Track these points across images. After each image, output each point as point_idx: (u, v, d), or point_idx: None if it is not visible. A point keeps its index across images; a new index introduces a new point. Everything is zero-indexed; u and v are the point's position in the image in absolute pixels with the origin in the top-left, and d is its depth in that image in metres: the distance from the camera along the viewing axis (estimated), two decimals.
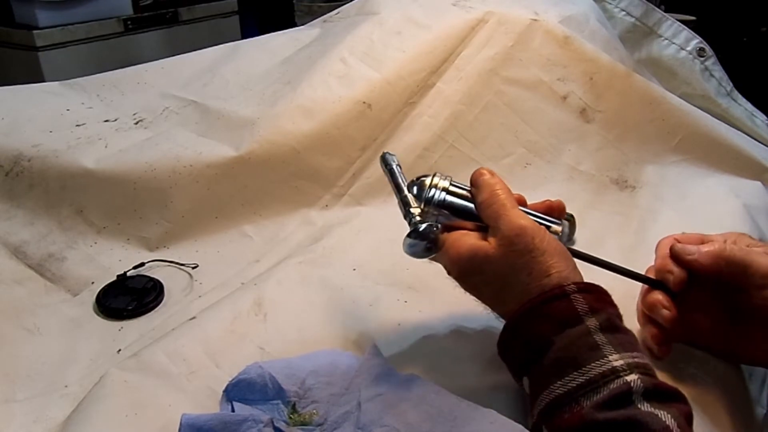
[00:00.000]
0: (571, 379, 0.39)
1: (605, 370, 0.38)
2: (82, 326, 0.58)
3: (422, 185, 0.49)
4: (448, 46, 0.84)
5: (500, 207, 0.46)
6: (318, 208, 0.76)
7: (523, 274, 0.44)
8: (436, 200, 0.48)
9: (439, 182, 0.49)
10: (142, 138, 0.75)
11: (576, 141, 0.83)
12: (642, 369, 0.39)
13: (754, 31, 1.74)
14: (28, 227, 0.67)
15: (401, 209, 0.49)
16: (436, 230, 0.47)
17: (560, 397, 0.39)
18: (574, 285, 0.42)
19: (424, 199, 0.49)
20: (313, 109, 0.77)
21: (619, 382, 0.37)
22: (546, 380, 0.40)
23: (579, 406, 0.38)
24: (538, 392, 0.41)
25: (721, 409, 0.48)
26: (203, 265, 0.66)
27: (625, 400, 0.37)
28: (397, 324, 0.56)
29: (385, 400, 0.44)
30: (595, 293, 0.43)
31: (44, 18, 1.53)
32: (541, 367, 0.41)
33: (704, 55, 0.96)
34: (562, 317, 0.41)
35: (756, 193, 0.80)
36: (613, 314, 0.42)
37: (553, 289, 0.42)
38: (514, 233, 0.44)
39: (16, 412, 0.48)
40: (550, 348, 0.41)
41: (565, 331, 0.41)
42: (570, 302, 0.42)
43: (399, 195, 0.50)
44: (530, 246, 0.43)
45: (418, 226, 0.47)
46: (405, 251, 0.48)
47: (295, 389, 0.45)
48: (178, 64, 0.90)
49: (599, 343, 0.40)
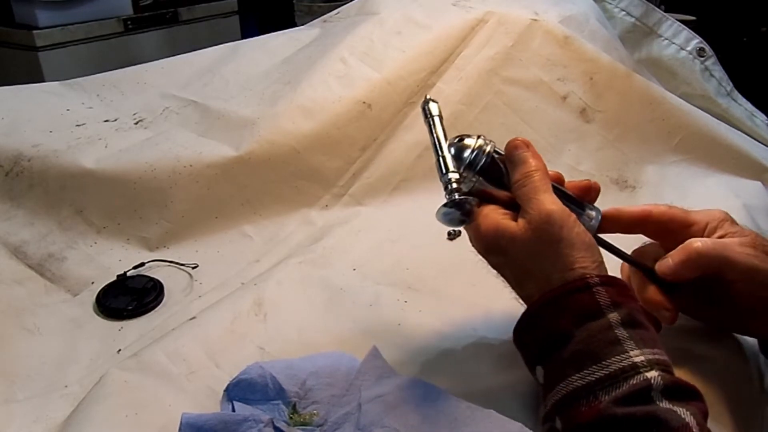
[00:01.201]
0: (590, 372, 0.39)
1: (625, 365, 0.38)
2: (82, 326, 0.58)
3: (463, 147, 0.47)
4: (448, 46, 0.84)
5: (532, 189, 0.44)
6: (318, 208, 0.76)
7: (547, 264, 0.43)
8: (478, 166, 0.46)
9: (483, 146, 0.47)
10: (142, 138, 0.75)
11: (576, 141, 0.83)
12: (662, 366, 0.38)
13: (754, 31, 1.74)
14: (28, 227, 0.67)
15: (438, 170, 0.46)
16: (472, 202, 0.45)
17: (578, 389, 0.39)
18: (597, 278, 0.42)
19: (465, 162, 0.46)
20: (313, 109, 0.77)
21: (639, 378, 0.37)
22: (564, 372, 0.40)
23: (597, 400, 0.37)
24: (554, 383, 0.41)
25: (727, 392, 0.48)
26: (203, 265, 0.66)
27: (644, 396, 0.37)
28: (397, 324, 0.56)
29: (385, 401, 0.44)
30: (617, 287, 0.42)
31: (44, 18, 1.53)
32: (559, 358, 0.41)
33: (704, 55, 0.96)
34: (583, 310, 0.41)
35: (756, 193, 0.80)
36: (634, 309, 0.42)
37: (576, 281, 0.42)
38: (543, 220, 0.43)
39: (16, 412, 0.48)
40: (570, 340, 0.41)
41: (585, 324, 0.41)
42: (592, 295, 0.41)
43: (438, 154, 0.46)
44: (557, 236, 0.43)
45: (454, 197, 0.44)
46: (438, 219, 0.46)
47: (295, 390, 0.45)
48: (178, 64, 0.90)
49: (620, 337, 0.39)
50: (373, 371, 0.47)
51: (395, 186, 0.78)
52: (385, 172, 0.78)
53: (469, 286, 0.60)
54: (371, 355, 0.48)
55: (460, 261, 0.65)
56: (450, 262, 0.65)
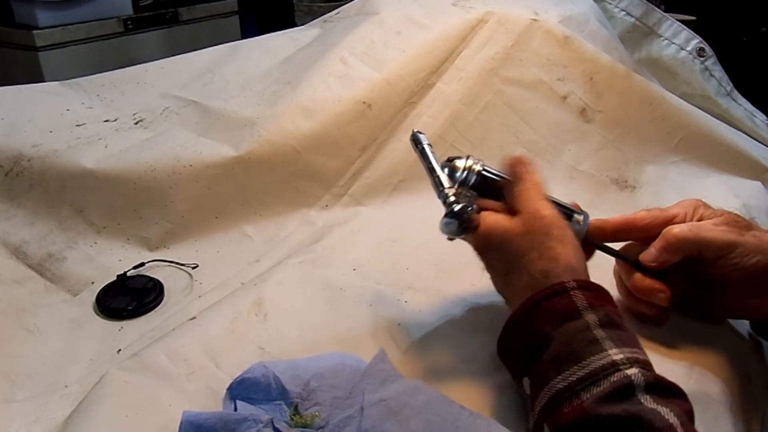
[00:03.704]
0: (571, 373, 0.39)
1: (605, 363, 0.38)
2: (82, 326, 0.58)
3: (454, 168, 0.51)
4: (448, 46, 0.84)
5: (528, 197, 0.48)
6: (318, 208, 0.76)
7: (534, 254, 0.45)
8: (469, 184, 0.50)
9: (472, 165, 0.50)
10: (142, 138, 0.75)
11: (576, 141, 0.83)
12: (642, 364, 0.39)
13: (754, 31, 1.74)
14: (28, 227, 0.67)
15: (435, 189, 0.50)
16: (470, 210, 0.48)
17: (560, 391, 0.39)
18: (574, 282, 0.43)
19: (458, 181, 0.50)
20: (313, 109, 0.77)
21: (619, 375, 0.38)
22: (546, 376, 0.41)
23: (579, 399, 0.38)
24: (538, 390, 0.41)
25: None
26: (203, 265, 0.66)
27: (626, 393, 0.37)
28: (397, 324, 0.56)
29: (388, 406, 0.43)
30: (595, 291, 0.43)
31: (44, 18, 1.53)
32: (541, 363, 0.42)
33: (704, 55, 0.96)
34: (561, 312, 0.42)
35: (756, 193, 0.80)
36: (612, 312, 0.43)
37: (553, 286, 0.43)
38: (536, 217, 0.47)
39: (16, 412, 0.48)
40: (549, 344, 0.41)
41: (563, 325, 0.41)
42: (569, 298, 0.42)
43: (432, 175, 0.51)
44: (546, 230, 0.46)
45: (454, 207, 0.48)
46: (440, 230, 0.49)
47: (298, 390, 0.45)
48: (178, 64, 0.90)
49: (598, 337, 0.40)
50: (378, 374, 0.46)
51: (395, 186, 0.78)
52: (385, 172, 0.78)
53: (469, 286, 0.60)
54: (377, 358, 0.48)
55: (460, 261, 0.65)
56: (450, 262, 0.65)
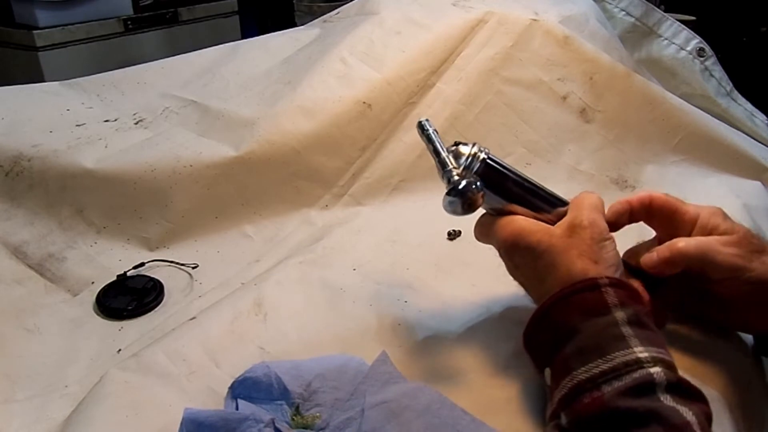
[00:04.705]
0: (594, 365, 0.39)
1: (629, 359, 0.38)
2: (82, 326, 0.58)
3: (458, 153, 0.49)
4: (448, 46, 0.84)
5: (583, 206, 0.48)
6: (318, 208, 0.76)
7: (574, 254, 0.45)
8: (473, 170, 0.49)
9: (477, 153, 0.49)
10: (142, 138, 0.75)
11: (576, 141, 0.83)
12: (666, 364, 0.39)
13: (754, 31, 1.74)
14: (28, 227, 0.67)
15: (439, 170, 0.48)
16: (474, 188, 0.46)
17: (582, 383, 0.39)
18: (607, 278, 0.43)
19: (462, 166, 0.49)
20: (313, 109, 0.77)
21: (642, 373, 0.38)
22: (569, 367, 0.41)
23: (600, 391, 0.38)
24: (559, 380, 0.41)
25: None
26: (203, 265, 0.66)
27: (647, 390, 0.37)
28: (397, 324, 0.56)
29: (389, 408, 0.43)
30: (627, 290, 0.43)
31: (44, 18, 1.53)
32: (564, 354, 0.42)
33: (704, 55, 0.96)
34: (590, 307, 0.42)
35: (756, 193, 0.80)
36: (641, 312, 0.42)
37: (585, 281, 0.43)
38: (586, 223, 0.46)
39: (16, 412, 0.48)
40: (576, 335, 0.41)
41: (591, 319, 0.41)
42: (600, 294, 0.42)
43: (437, 157, 0.49)
44: (597, 238, 0.45)
45: (458, 184, 0.46)
46: (444, 208, 0.47)
47: (300, 391, 0.45)
48: (178, 64, 0.90)
49: (625, 334, 0.40)
50: (380, 376, 0.46)
51: (395, 186, 0.78)
52: (385, 172, 0.78)
53: (469, 286, 0.60)
54: (379, 360, 0.48)
55: (460, 261, 0.65)
56: (450, 262, 0.65)
